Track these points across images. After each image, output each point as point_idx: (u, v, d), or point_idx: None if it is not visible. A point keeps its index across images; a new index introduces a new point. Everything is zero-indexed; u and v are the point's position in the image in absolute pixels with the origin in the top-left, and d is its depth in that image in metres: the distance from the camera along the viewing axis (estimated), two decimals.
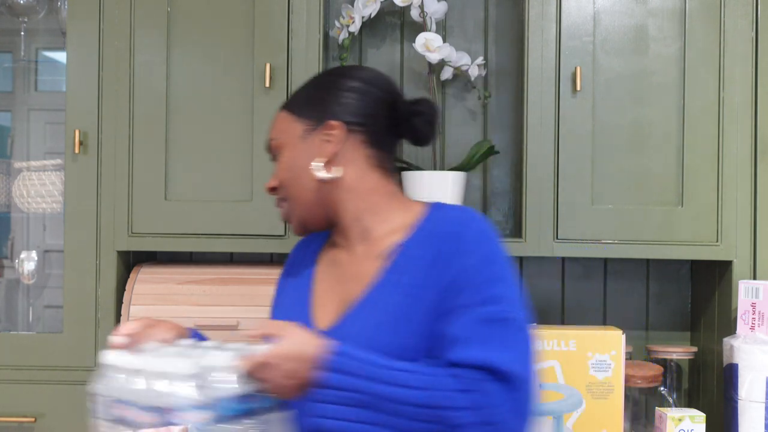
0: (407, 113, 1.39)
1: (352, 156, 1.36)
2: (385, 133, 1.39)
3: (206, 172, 1.97)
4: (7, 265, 2.33)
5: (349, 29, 2.10)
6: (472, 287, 1.24)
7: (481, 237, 1.30)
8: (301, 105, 1.41)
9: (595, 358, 1.77)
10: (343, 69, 1.50)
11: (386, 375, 1.16)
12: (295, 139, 1.39)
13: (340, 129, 1.35)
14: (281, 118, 1.43)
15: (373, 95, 1.38)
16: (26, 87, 2.40)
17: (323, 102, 1.38)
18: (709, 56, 1.92)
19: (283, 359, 1.16)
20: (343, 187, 1.36)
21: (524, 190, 1.93)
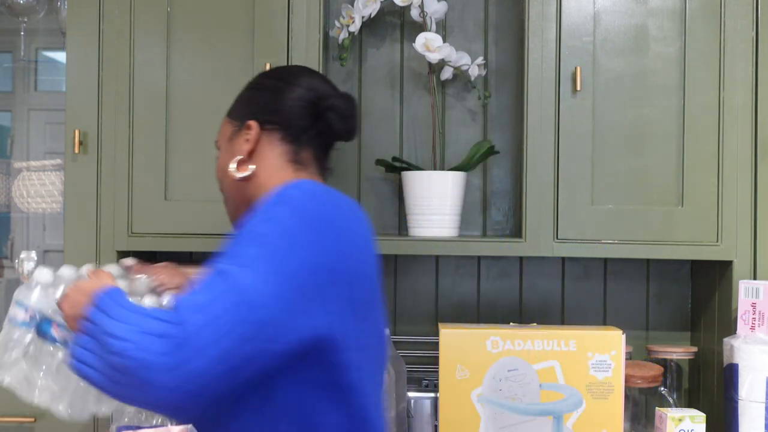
0: (323, 108, 1.41)
1: (266, 153, 1.41)
2: (303, 129, 1.42)
3: (206, 172, 1.96)
4: (6, 265, 2.33)
5: (349, 29, 2.10)
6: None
7: (268, 200, 1.29)
8: (232, 108, 1.50)
9: (595, 358, 1.77)
10: (271, 70, 1.62)
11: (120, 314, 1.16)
12: (225, 141, 1.48)
13: (255, 128, 1.41)
14: (222, 123, 1.51)
15: (289, 92, 1.42)
16: (26, 87, 2.40)
17: (245, 103, 1.48)
18: (709, 56, 1.92)
19: (74, 290, 1.26)
20: (256, 183, 1.41)
21: (524, 190, 1.93)
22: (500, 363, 1.78)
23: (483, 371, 1.78)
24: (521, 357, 1.77)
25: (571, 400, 1.77)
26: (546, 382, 1.77)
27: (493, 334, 1.78)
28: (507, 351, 1.78)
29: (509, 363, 1.77)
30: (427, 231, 2.01)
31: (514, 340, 1.78)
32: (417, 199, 2.02)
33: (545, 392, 1.77)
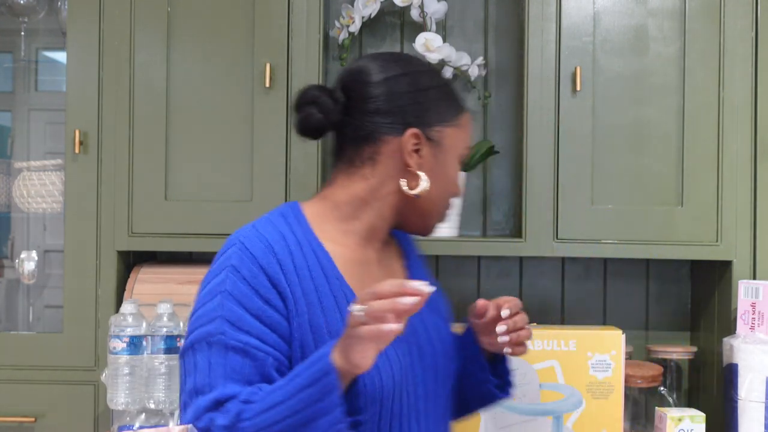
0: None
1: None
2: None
3: (206, 172, 1.97)
4: (7, 265, 2.33)
5: (349, 29, 2.10)
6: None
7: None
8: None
9: (595, 358, 1.77)
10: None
11: None
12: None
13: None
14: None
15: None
16: (26, 87, 2.40)
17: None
18: (709, 56, 1.92)
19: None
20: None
21: (524, 190, 1.93)
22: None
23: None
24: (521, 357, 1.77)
25: (571, 400, 1.77)
26: (546, 382, 1.77)
27: None
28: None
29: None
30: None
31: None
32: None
33: (545, 392, 1.77)
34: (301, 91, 1.32)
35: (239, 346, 1.16)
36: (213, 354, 1.16)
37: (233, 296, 1.18)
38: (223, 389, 1.14)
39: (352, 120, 1.29)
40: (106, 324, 1.94)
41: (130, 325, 1.82)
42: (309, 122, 1.30)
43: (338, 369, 1.08)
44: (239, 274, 1.19)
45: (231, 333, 1.16)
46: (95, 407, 1.99)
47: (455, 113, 1.33)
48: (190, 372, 1.18)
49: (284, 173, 1.94)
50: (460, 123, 1.33)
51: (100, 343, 1.97)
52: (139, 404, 1.82)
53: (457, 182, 1.36)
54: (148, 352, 1.82)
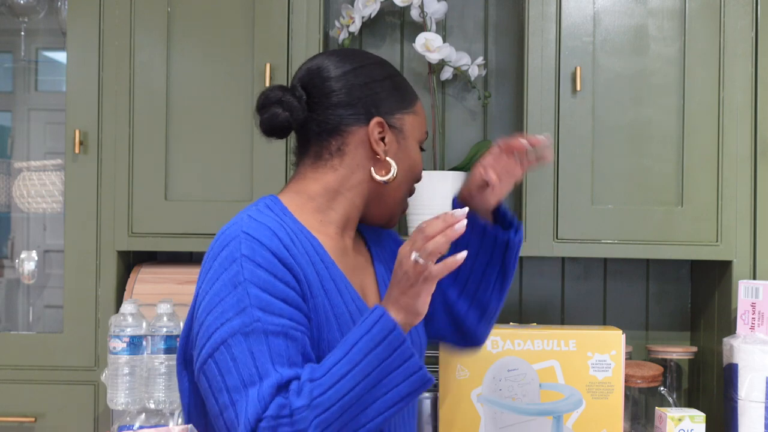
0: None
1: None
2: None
3: (206, 172, 1.97)
4: (7, 265, 2.33)
5: (349, 29, 2.10)
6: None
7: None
8: None
9: (595, 358, 1.77)
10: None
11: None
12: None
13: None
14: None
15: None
16: (26, 87, 2.40)
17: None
18: (709, 56, 1.92)
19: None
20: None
21: (524, 190, 1.93)
22: (500, 363, 1.78)
23: (483, 371, 1.78)
24: (521, 357, 1.77)
25: (571, 400, 1.77)
26: (546, 382, 1.77)
27: (493, 334, 1.78)
28: (507, 351, 1.78)
29: (509, 363, 1.77)
30: None
31: (514, 340, 1.78)
32: (417, 199, 2.00)
33: (545, 392, 1.77)
34: (264, 93, 1.35)
35: (278, 329, 1.16)
36: (253, 343, 1.15)
37: (255, 284, 1.18)
38: (281, 373, 1.14)
39: (316, 116, 1.33)
40: (106, 324, 1.94)
41: (130, 325, 1.82)
42: (275, 122, 1.33)
43: (396, 322, 1.15)
44: (254, 262, 1.19)
45: (266, 318, 1.16)
46: (95, 407, 1.99)
47: (411, 101, 1.39)
48: (229, 369, 1.15)
49: (284, 173, 1.94)
50: (416, 110, 1.39)
51: (100, 343, 1.97)
52: (139, 404, 1.82)
53: (420, 166, 1.41)
54: (148, 352, 1.82)
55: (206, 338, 1.18)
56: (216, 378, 1.16)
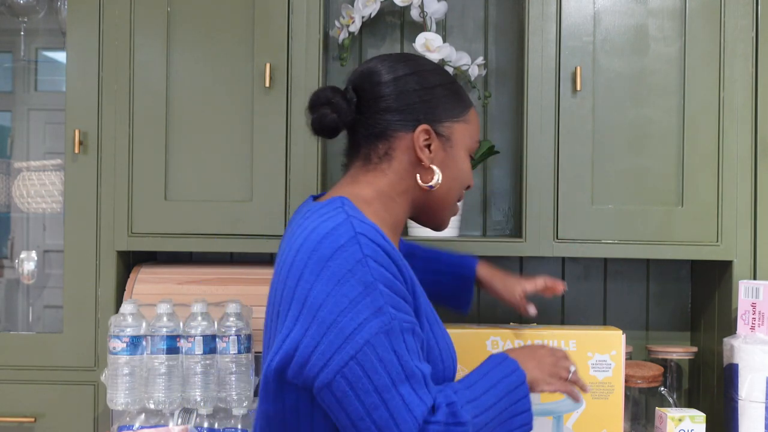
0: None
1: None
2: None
3: (206, 172, 1.97)
4: (7, 265, 2.33)
5: (349, 29, 2.10)
6: None
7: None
8: None
9: (595, 358, 1.77)
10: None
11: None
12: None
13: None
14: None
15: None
16: (26, 87, 2.40)
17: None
18: (709, 56, 1.92)
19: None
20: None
21: (524, 190, 1.93)
22: None
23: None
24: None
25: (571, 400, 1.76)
26: None
27: (493, 334, 1.78)
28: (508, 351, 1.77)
29: None
30: (427, 231, 2.00)
31: (514, 340, 1.78)
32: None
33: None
34: (315, 93, 1.38)
35: (410, 326, 1.20)
36: (394, 342, 1.16)
37: (384, 283, 1.19)
38: (422, 370, 1.19)
39: (365, 119, 1.36)
40: (106, 324, 1.94)
41: (130, 325, 1.82)
42: (323, 122, 1.35)
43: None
44: (377, 262, 1.20)
45: (400, 316, 1.19)
46: (95, 407, 1.99)
47: (462, 109, 1.40)
48: (376, 369, 1.15)
49: (284, 173, 1.94)
50: (468, 118, 1.41)
51: (100, 343, 1.97)
52: (138, 404, 1.82)
53: (469, 174, 1.44)
54: (148, 352, 1.82)
55: (342, 340, 1.16)
56: (361, 380, 1.15)
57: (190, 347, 1.81)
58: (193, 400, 1.82)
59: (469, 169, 1.43)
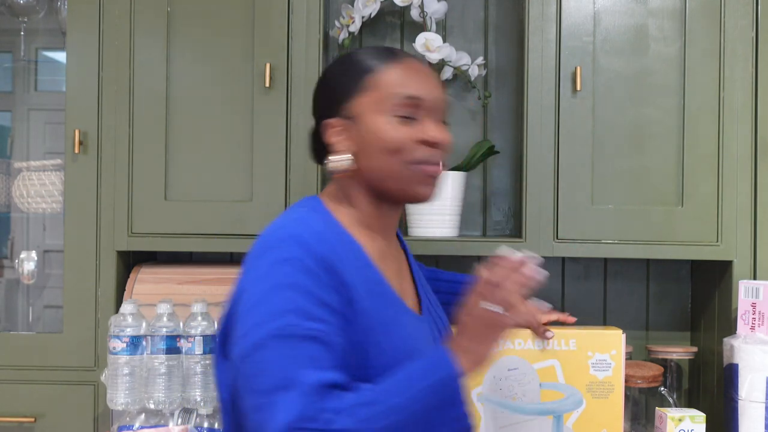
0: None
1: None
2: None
3: (206, 172, 1.97)
4: (7, 265, 2.33)
5: (349, 29, 2.10)
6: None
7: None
8: None
9: (596, 357, 1.76)
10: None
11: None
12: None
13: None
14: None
15: None
16: (26, 87, 2.40)
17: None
18: (709, 56, 1.92)
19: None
20: None
21: (524, 190, 1.93)
22: (500, 362, 1.77)
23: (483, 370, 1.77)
24: (521, 356, 1.77)
25: (571, 400, 1.77)
26: (546, 382, 1.77)
27: None
28: (507, 350, 1.77)
29: (509, 362, 1.77)
30: (427, 231, 2.01)
31: (514, 340, 1.77)
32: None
33: (545, 392, 1.77)
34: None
35: (312, 334, 1.15)
36: (288, 347, 1.14)
37: (297, 288, 1.17)
38: (316, 377, 1.11)
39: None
40: (106, 324, 1.94)
41: (130, 325, 1.82)
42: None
43: (463, 370, 1.17)
44: (300, 266, 1.19)
45: (303, 323, 1.15)
46: (95, 407, 1.99)
47: (358, 81, 1.35)
48: (263, 371, 1.14)
49: (284, 173, 1.94)
50: (366, 85, 1.34)
51: (100, 343, 1.97)
52: (138, 404, 1.82)
53: (392, 133, 1.32)
54: (148, 352, 1.82)
55: (243, 337, 1.17)
56: (249, 379, 1.15)
57: (190, 347, 1.81)
58: (193, 400, 1.82)
59: (392, 128, 1.32)
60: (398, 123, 1.32)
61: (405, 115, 1.32)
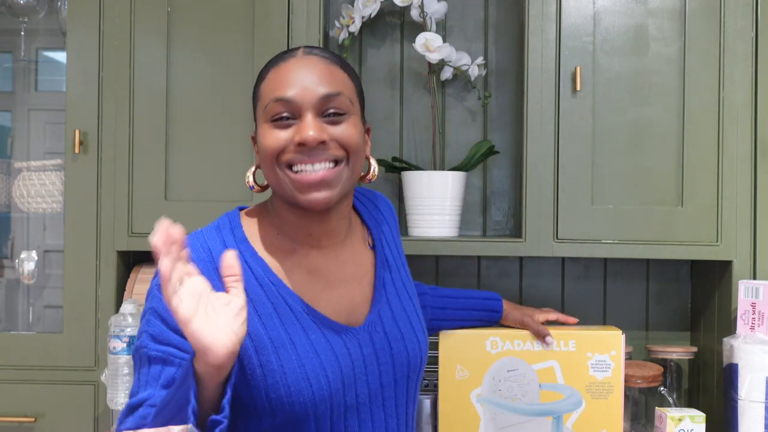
0: None
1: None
2: None
3: (206, 172, 1.97)
4: (7, 265, 2.33)
5: (349, 29, 2.10)
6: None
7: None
8: (352, 73, 1.33)
9: (595, 358, 1.77)
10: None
11: None
12: (356, 107, 1.30)
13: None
14: (341, 75, 1.29)
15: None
16: (26, 87, 2.40)
17: (360, 86, 1.35)
18: (709, 56, 1.92)
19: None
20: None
21: (524, 190, 1.93)
22: (500, 363, 1.78)
23: (482, 371, 1.78)
24: (521, 357, 1.77)
25: (570, 400, 1.77)
26: (546, 383, 1.77)
27: (493, 335, 1.78)
28: (506, 351, 1.78)
29: (509, 363, 1.77)
30: (427, 231, 2.01)
31: (513, 341, 1.78)
32: (417, 199, 2.02)
33: (545, 392, 1.77)
34: None
35: (159, 355, 1.18)
36: (141, 365, 1.21)
37: (158, 313, 1.21)
38: (140, 395, 1.17)
39: None
40: (106, 324, 1.94)
41: (130, 325, 1.82)
42: None
43: (197, 367, 1.07)
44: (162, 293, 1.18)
45: (152, 345, 1.19)
46: (95, 407, 1.99)
47: (257, 87, 1.31)
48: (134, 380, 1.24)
49: None
50: (259, 93, 1.30)
51: (100, 343, 1.97)
52: None
53: (269, 140, 1.25)
54: None
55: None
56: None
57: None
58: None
59: (268, 133, 1.26)
60: (274, 128, 1.25)
61: (278, 118, 1.25)
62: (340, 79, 1.28)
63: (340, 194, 1.27)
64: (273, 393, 1.22)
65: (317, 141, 1.22)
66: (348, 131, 1.26)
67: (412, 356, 1.37)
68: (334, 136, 1.25)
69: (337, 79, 1.27)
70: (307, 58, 1.28)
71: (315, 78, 1.25)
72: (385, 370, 1.33)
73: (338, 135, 1.25)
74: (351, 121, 1.27)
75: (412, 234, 2.03)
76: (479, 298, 1.83)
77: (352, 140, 1.26)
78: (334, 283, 1.33)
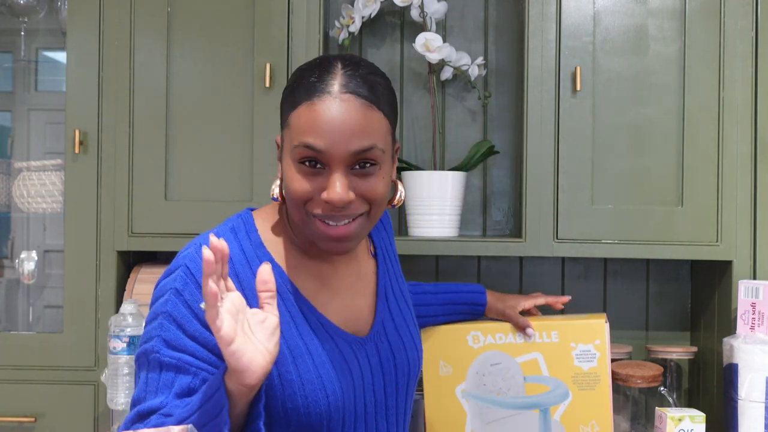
0: None
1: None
2: None
3: (206, 172, 1.97)
4: (7, 265, 2.33)
5: (349, 29, 2.10)
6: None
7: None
8: (388, 107, 1.24)
9: (579, 348, 1.74)
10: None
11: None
12: (387, 153, 1.23)
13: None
14: (377, 118, 1.21)
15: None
16: (26, 87, 2.40)
17: (396, 108, 1.28)
18: (709, 56, 1.92)
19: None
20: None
21: (524, 190, 1.93)
22: (483, 357, 1.76)
23: (466, 366, 1.76)
24: (503, 350, 1.75)
25: (556, 392, 1.74)
26: (530, 375, 1.75)
27: (474, 329, 1.76)
28: (489, 345, 1.76)
29: (492, 357, 1.75)
30: (427, 231, 2.01)
31: (495, 334, 1.75)
32: (417, 199, 2.02)
33: (530, 385, 1.75)
34: None
35: (172, 362, 1.16)
36: (150, 369, 1.18)
37: (173, 318, 1.18)
38: (150, 402, 1.15)
39: None
40: (106, 324, 1.94)
41: (130, 325, 1.82)
42: None
43: (229, 384, 1.07)
44: (181, 297, 1.18)
45: (166, 351, 1.17)
46: (95, 407, 1.99)
47: (290, 110, 1.22)
48: (136, 384, 1.21)
49: None
50: (290, 121, 1.22)
51: (100, 343, 1.97)
52: None
53: (293, 185, 1.21)
54: None
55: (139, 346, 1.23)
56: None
57: None
58: None
59: (296, 178, 1.20)
60: (301, 171, 1.20)
61: (306, 162, 1.19)
62: (376, 126, 1.20)
63: (359, 242, 1.26)
64: (290, 403, 1.21)
65: (344, 203, 1.19)
66: (375, 187, 1.22)
67: (412, 365, 1.38)
68: (361, 192, 1.21)
69: (373, 128, 1.19)
70: (343, 100, 1.18)
71: (348, 129, 1.17)
72: (389, 380, 1.34)
73: (365, 191, 1.21)
74: (380, 173, 1.22)
75: (412, 234, 2.03)
76: (462, 292, 1.80)
77: (378, 195, 1.22)
78: (341, 291, 1.33)
